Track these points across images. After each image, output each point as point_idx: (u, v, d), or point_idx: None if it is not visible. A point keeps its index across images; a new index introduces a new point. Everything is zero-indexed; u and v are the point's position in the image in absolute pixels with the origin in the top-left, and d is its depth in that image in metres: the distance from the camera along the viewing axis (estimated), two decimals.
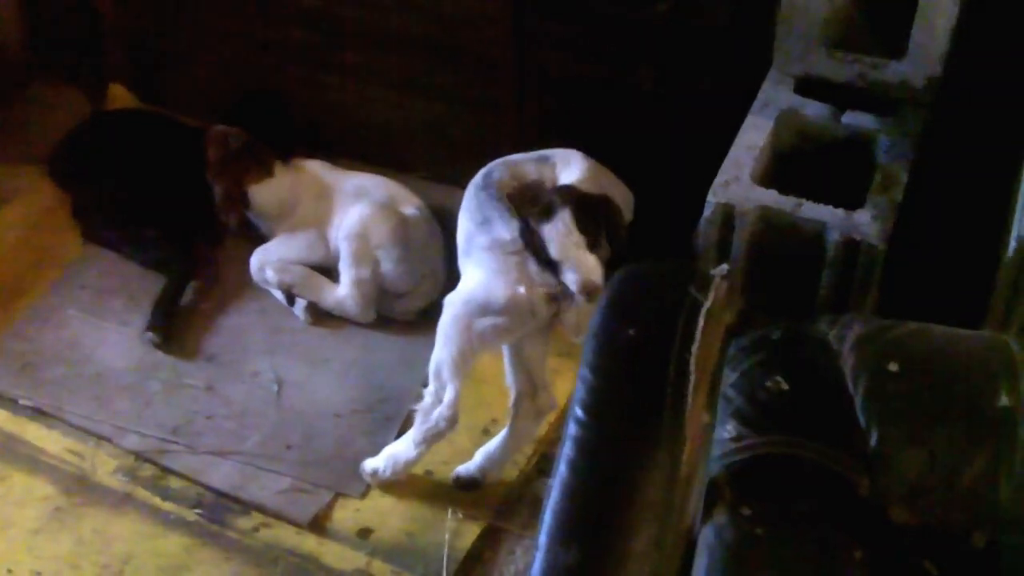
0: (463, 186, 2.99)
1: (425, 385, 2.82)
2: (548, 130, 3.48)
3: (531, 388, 2.85)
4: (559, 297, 2.69)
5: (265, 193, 3.50)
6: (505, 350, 2.84)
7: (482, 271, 2.77)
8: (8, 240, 3.56)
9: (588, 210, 2.69)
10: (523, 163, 2.98)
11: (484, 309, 2.72)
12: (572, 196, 2.72)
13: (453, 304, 2.77)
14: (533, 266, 2.69)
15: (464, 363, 2.76)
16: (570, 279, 2.63)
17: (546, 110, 3.50)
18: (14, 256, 3.52)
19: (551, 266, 2.67)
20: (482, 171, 2.94)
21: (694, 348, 1.59)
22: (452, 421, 2.79)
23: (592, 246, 2.65)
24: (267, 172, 3.51)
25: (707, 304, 1.65)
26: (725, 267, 1.70)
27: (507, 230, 2.74)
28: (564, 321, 2.75)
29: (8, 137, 3.88)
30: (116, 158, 3.65)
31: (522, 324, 2.74)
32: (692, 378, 1.57)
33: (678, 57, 3.24)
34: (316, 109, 3.82)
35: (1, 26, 3.91)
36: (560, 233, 2.63)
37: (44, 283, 3.47)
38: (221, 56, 3.87)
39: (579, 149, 2.98)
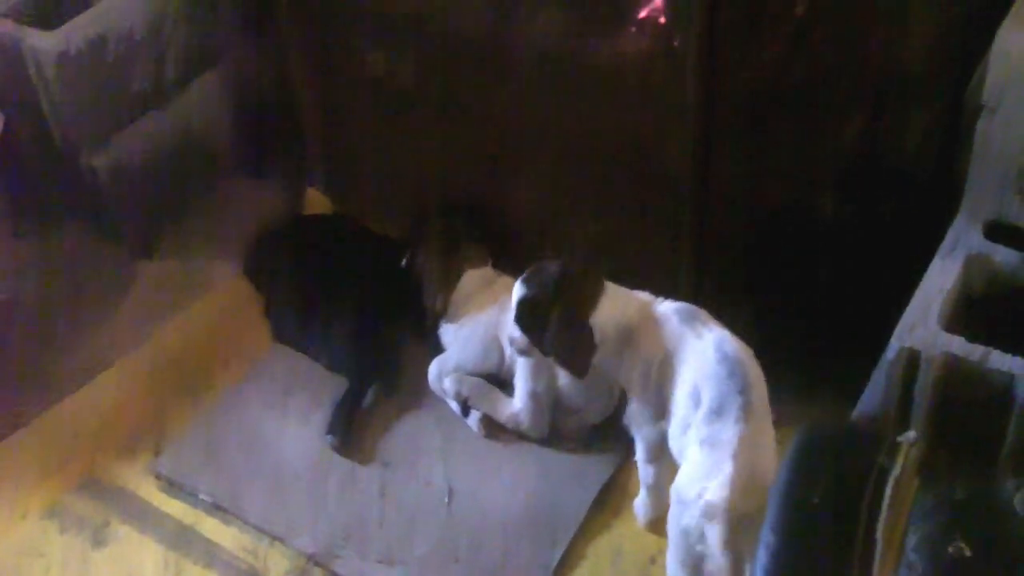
0: None
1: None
2: (726, 253, 3.47)
3: None
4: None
5: (477, 278, 3.56)
6: None
7: (690, 465, 2.55)
8: (200, 332, 3.69)
9: None
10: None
11: (683, 505, 2.51)
12: None
13: (672, 503, 2.58)
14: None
15: (690, 563, 2.56)
16: None
17: (725, 231, 3.48)
18: (204, 348, 3.65)
19: None
20: (719, 336, 2.71)
21: (881, 519, 1.57)
22: None
23: None
24: (484, 260, 3.61)
25: (895, 472, 1.63)
26: (913, 434, 1.68)
27: (738, 431, 2.48)
28: None
29: (203, 229, 4.00)
30: (309, 262, 3.75)
31: (732, 532, 2.44)
32: (879, 549, 1.55)
33: (861, 185, 3.21)
34: (495, 220, 3.82)
35: (211, 119, 3.99)
36: None
37: (232, 376, 3.58)
38: (417, 169, 3.91)
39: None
